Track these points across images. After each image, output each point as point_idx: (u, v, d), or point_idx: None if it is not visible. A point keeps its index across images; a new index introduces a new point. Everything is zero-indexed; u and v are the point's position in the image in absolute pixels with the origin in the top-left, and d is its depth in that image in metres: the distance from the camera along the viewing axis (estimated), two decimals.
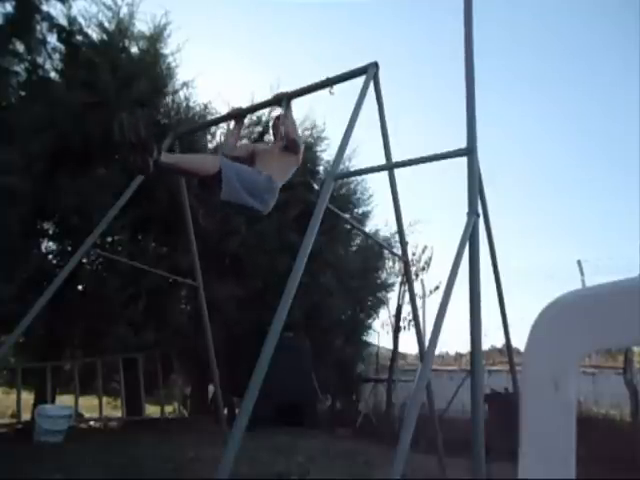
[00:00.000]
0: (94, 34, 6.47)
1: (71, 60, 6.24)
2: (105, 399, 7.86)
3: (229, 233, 6.86)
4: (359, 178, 8.81)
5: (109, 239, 6.76)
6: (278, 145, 3.43)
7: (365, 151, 10.67)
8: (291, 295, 2.54)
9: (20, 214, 5.27)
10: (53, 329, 6.24)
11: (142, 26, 6.78)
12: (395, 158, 3.56)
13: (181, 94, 7.13)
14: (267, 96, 4.22)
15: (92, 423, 7.25)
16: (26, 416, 6.42)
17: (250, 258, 7.16)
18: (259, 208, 3.03)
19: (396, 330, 8.74)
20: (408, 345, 20.07)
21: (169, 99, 7.09)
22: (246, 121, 7.97)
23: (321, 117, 11.15)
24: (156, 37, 6.83)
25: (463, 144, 2.73)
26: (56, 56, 6.28)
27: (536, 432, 0.46)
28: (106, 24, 6.52)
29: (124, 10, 6.59)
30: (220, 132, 7.92)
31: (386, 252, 9.22)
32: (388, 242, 8.53)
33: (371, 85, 3.31)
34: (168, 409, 8.74)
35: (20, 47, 5.84)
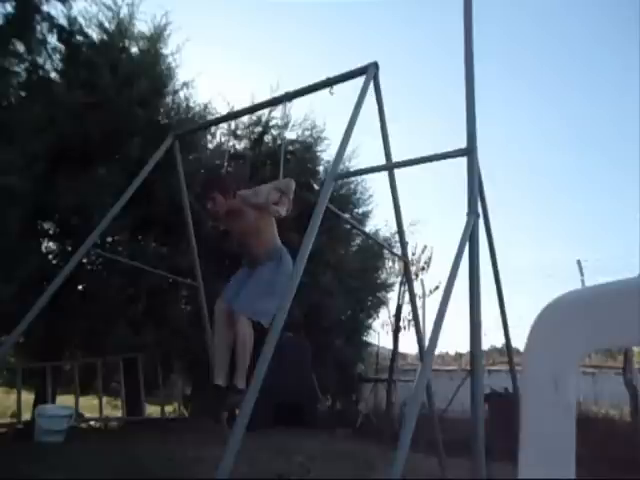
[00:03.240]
0: (94, 34, 6.48)
1: (71, 60, 6.24)
2: (105, 399, 7.86)
3: (229, 233, 6.87)
4: (359, 178, 8.82)
5: (109, 239, 6.76)
6: (248, 209, 3.22)
7: (365, 151, 10.71)
8: (291, 295, 2.54)
9: (20, 214, 5.27)
10: (53, 329, 6.24)
11: (142, 26, 6.80)
12: (395, 158, 3.56)
13: (181, 94, 7.15)
14: (267, 96, 4.23)
15: (92, 423, 7.24)
16: (26, 416, 6.41)
17: None
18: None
19: (396, 330, 8.74)
20: (408, 345, 20.11)
21: (169, 99, 7.09)
22: (246, 120, 8.02)
23: (321, 117, 11.19)
24: (156, 37, 6.84)
25: (463, 144, 2.73)
26: (56, 56, 6.28)
27: (536, 432, 0.46)
28: (106, 24, 6.53)
29: (124, 10, 6.61)
30: (220, 132, 7.94)
31: (386, 252, 9.22)
32: (388, 242, 8.53)
33: (371, 85, 3.31)
34: (168, 409, 8.74)
35: (20, 47, 5.83)
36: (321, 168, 8.62)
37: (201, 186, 3.37)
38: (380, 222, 12.78)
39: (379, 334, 9.97)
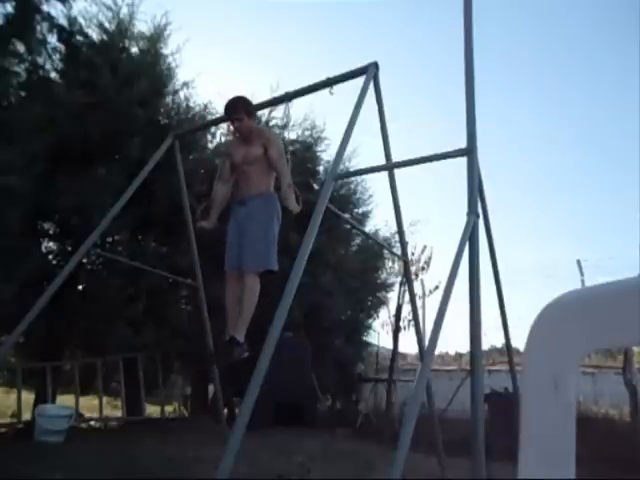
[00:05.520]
0: (94, 34, 6.47)
1: (71, 60, 6.24)
2: (105, 399, 7.86)
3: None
4: (359, 178, 8.81)
5: (109, 239, 6.76)
6: (257, 152, 3.32)
7: (365, 151, 10.71)
8: (291, 295, 2.54)
9: (20, 214, 5.27)
10: (53, 329, 6.24)
11: (142, 26, 6.79)
12: (395, 158, 3.56)
13: (181, 94, 7.14)
14: (267, 96, 4.24)
15: (92, 423, 7.24)
16: (26, 416, 6.41)
17: None
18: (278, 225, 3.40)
19: (396, 330, 8.73)
20: (408, 345, 20.08)
21: (169, 99, 7.09)
22: None
23: (321, 117, 11.18)
24: (156, 37, 6.83)
25: (463, 144, 2.73)
26: (56, 56, 6.27)
27: (536, 432, 0.46)
28: (106, 24, 6.52)
29: (124, 10, 6.60)
30: (220, 132, 7.93)
31: (386, 252, 9.22)
32: (388, 242, 8.53)
33: (371, 85, 3.31)
34: (168, 409, 8.74)
35: (20, 47, 5.82)
36: (321, 168, 8.62)
37: (227, 106, 3.38)
38: (380, 222, 12.77)
39: (379, 334, 9.98)
